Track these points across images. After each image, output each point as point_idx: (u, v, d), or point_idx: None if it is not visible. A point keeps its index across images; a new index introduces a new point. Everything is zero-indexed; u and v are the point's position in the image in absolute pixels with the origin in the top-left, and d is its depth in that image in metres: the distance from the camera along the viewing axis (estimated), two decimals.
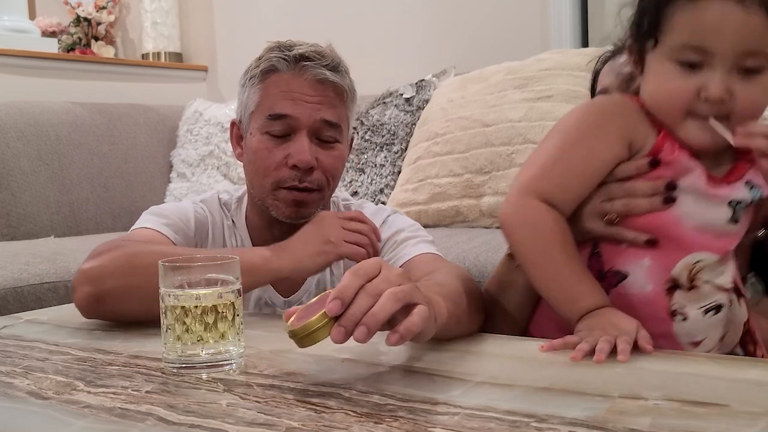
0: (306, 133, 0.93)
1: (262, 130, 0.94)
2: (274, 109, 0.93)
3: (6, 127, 1.97)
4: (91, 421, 0.54)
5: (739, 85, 0.69)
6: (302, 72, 0.93)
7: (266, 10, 2.61)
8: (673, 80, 0.71)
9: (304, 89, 0.93)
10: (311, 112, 0.93)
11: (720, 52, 0.68)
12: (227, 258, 0.72)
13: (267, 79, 0.94)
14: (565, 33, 2.01)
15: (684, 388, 0.56)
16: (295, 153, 0.92)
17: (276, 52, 0.94)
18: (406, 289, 0.59)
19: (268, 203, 0.96)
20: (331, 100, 0.94)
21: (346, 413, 0.53)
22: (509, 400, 0.55)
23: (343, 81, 0.95)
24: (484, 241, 1.42)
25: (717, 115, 0.69)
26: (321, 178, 0.94)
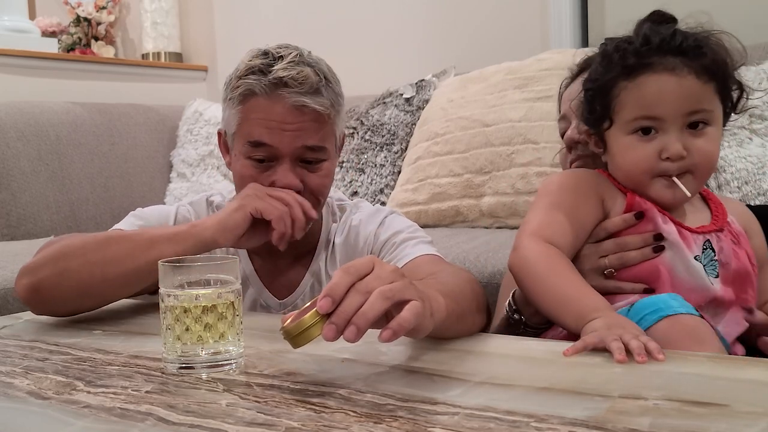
0: (288, 160, 0.92)
1: (245, 155, 0.93)
2: (253, 136, 0.91)
3: (6, 127, 1.97)
4: (91, 421, 0.54)
5: (692, 140, 0.78)
6: (279, 98, 0.89)
7: (266, 10, 2.61)
8: (634, 150, 0.80)
9: (281, 117, 0.90)
10: (291, 140, 0.90)
11: (668, 116, 0.78)
12: (227, 258, 0.72)
13: (246, 103, 0.92)
14: (565, 33, 2.01)
15: (684, 388, 0.56)
16: (279, 179, 0.91)
17: (253, 77, 0.91)
18: (396, 287, 0.58)
19: None
20: (312, 126, 0.91)
21: (346, 413, 0.53)
22: (509, 400, 0.54)
23: (324, 102, 0.91)
24: (484, 242, 1.42)
25: (680, 170, 0.79)
26: (310, 199, 0.93)
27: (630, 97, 0.79)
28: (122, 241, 0.86)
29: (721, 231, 0.82)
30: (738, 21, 1.82)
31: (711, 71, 0.78)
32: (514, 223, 1.61)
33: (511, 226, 1.61)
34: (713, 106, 0.79)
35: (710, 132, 0.79)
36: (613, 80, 0.81)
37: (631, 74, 0.79)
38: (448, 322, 0.68)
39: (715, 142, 0.80)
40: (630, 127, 0.80)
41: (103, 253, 0.85)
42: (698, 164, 0.78)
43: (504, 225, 1.62)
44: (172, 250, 0.82)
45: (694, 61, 0.78)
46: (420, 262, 0.92)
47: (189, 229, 0.86)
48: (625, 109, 0.80)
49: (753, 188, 1.30)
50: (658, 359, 0.62)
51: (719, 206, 0.86)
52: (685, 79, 0.77)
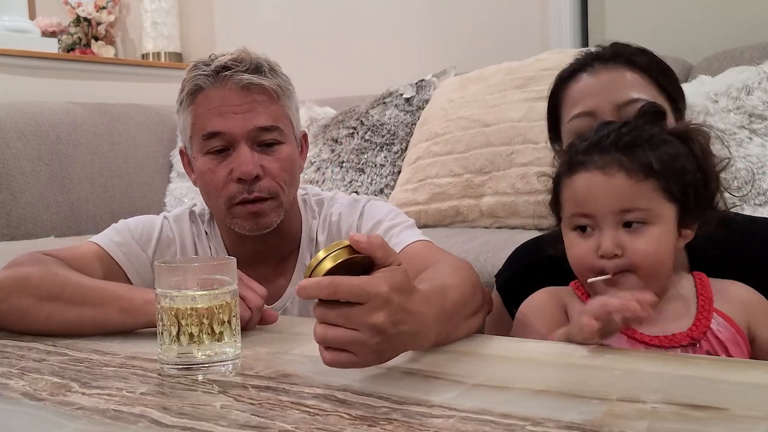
0: (244, 143, 0.92)
1: (202, 151, 0.93)
2: (206, 128, 0.92)
3: (6, 127, 1.96)
4: (84, 423, 0.54)
5: (627, 239, 0.75)
6: (224, 83, 0.91)
7: (266, 10, 2.61)
8: (574, 247, 0.79)
9: (229, 100, 0.91)
10: (243, 123, 0.91)
11: (598, 213, 0.76)
12: (224, 259, 0.71)
13: (195, 100, 0.93)
14: (565, 33, 2.00)
15: (683, 391, 0.55)
16: (236, 166, 0.91)
17: (196, 71, 0.92)
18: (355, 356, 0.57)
19: (228, 222, 0.96)
20: (261, 104, 0.92)
21: (341, 416, 0.53)
22: (505, 402, 0.54)
23: (270, 80, 0.92)
24: (484, 242, 1.42)
25: (617, 268, 0.76)
26: (271, 184, 0.93)
27: (567, 192, 0.79)
28: (75, 290, 0.82)
29: (694, 345, 0.74)
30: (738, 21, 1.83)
31: (649, 169, 0.74)
32: (514, 223, 1.60)
33: (510, 226, 1.60)
34: (653, 205, 0.75)
35: (650, 231, 0.74)
36: (559, 176, 0.81)
37: (570, 171, 0.79)
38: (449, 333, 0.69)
39: (656, 241, 0.75)
40: (570, 224, 0.79)
41: (53, 299, 0.82)
42: (637, 264, 0.74)
43: (504, 225, 1.62)
44: (120, 321, 0.80)
45: (630, 158, 0.75)
46: (412, 252, 0.90)
47: (143, 306, 0.79)
48: (565, 206, 0.80)
49: (753, 188, 1.29)
50: None
51: (706, 305, 0.77)
52: (614, 177, 0.74)
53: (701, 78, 1.50)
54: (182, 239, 1.00)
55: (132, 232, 0.98)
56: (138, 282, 0.95)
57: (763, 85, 1.37)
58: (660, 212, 0.75)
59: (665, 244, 0.76)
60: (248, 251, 0.97)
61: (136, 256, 0.97)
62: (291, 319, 0.92)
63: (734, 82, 1.41)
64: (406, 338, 0.60)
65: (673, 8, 1.89)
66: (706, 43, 1.74)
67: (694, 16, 1.85)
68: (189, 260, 0.74)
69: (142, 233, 0.98)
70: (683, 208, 0.77)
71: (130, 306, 0.80)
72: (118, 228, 0.99)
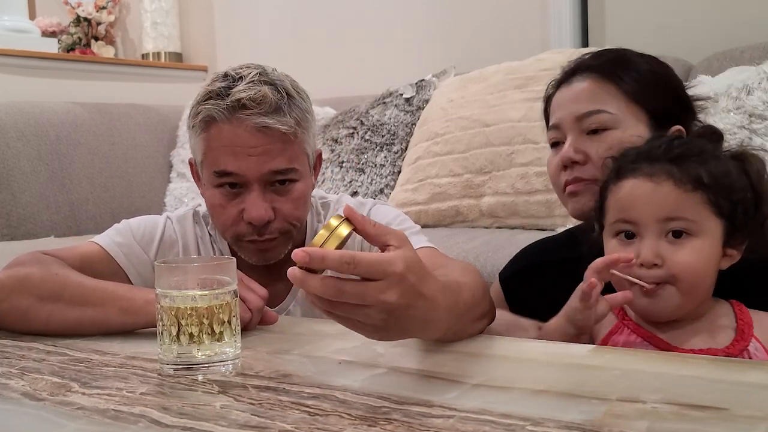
0: (257, 185, 0.88)
1: (213, 185, 0.91)
2: (219, 165, 0.89)
3: (6, 127, 1.96)
4: (84, 423, 0.54)
5: (669, 248, 0.74)
6: (240, 121, 0.86)
7: (266, 10, 2.61)
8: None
9: (245, 141, 0.86)
10: (257, 165, 0.87)
11: (642, 221, 0.75)
12: (223, 259, 0.71)
13: (208, 130, 0.89)
14: (565, 33, 2.00)
15: (683, 391, 0.55)
16: (248, 209, 0.89)
17: (212, 102, 0.87)
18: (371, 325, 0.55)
19: (234, 248, 0.95)
20: (277, 147, 0.88)
21: (341, 416, 0.53)
22: (505, 402, 0.54)
23: (287, 121, 0.87)
24: (484, 241, 1.42)
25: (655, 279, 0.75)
26: (282, 225, 0.91)
27: (612, 200, 0.79)
28: (75, 290, 0.82)
29: None
30: (738, 21, 1.83)
31: (697, 181, 0.74)
32: (514, 223, 1.60)
33: (510, 226, 1.60)
34: (698, 217, 0.74)
35: (694, 243, 0.73)
36: (605, 184, 0.81)
37: (617, 178, 0.79)
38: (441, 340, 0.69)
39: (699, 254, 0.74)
40: (612, 231, 0.78)
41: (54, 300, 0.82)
42: (676, 275, 0.73)
43: (504, 225, 1.62)
44: (120, 321, 0.80)
45: (679, 169, 0.75)
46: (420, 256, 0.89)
47: (143, 306, 0.79)
48: (609, 213, 0.79)
49: None
50: None
51: (746, 329, 0.76)
52: (661, 185, 0.74)
53: (701, 78, 1.50)
54: (185, 240, 1.00)
55: (134, 232, 0.98)
56: (139, 282, 0.95)
57: (763, 85, 1.37)
58: (705, 226, 0.74)
59: (708, 259, 0.75)
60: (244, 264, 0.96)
61: (137, 257, 0.96)
62: (291, 319, 0.92)
63: (734, 82, 1.41)
64: (416, 323, 0.58)
65: (673, 8, 1.89)
66: (706, 43, 1.73)
67: (694, 16, 1.85)
68: (189, 260, 0.74)
69: (144, 234, 0.98)
70: (731, 226, 0.76)
71: (130, 306, 0.80)
72: (120, 228, 0.98)
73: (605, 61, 0.89)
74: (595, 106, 0.86)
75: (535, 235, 1.36)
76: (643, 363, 0.64)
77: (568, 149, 0.86)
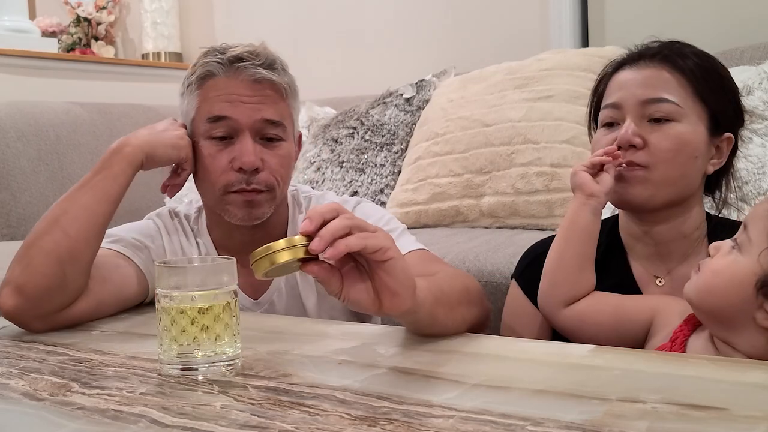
0: (249, 134, 0.93)
1: (205, 135, 0.94)
2: (213, 111, 0.93)
3: (6, 127, 1.96)
4: (84, 423, 0.54)
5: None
6: (238, 73, 0.92)
7: (266, 10, 2.61)
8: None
9: (241, 90, 0.92)
10: (251, 112, 0.92)
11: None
12: (223, 259, 0.71)
13: (204, 85, 0.94)
14: (565, 33, 2.00)
15: (683, 391, 0.55)
16: (239, 155, 0.92)
17: (210, 57, 0.93)
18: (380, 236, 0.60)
19: (220, 209, 0.96)
20: (270, 98, 0.93)
21: (340, 416, 0.53)
22: (505, 402, 0.54)
23: (281, 78, 0.94)
24: (484, 241, 1.42)
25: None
26: (269, 178, 0.94)
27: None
28: (63, 201, 0.90)
29: None
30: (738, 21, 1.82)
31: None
32: (514, 223, 1.60)
33: (510, 226, 1.60)
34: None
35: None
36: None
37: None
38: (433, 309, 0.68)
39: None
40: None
41: (54, 219, 0.88)
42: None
43: (504, 225, 1.61)
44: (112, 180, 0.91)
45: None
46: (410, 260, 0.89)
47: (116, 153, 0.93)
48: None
49: (753, 188, 1.29)
50: None
51: None
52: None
53: None
54: (167, 232, 1.02)
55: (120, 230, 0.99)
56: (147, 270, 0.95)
57: (763, 85, 1.37)
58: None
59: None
60: (235, 245, 0.98)
61: (134, 246, 0.97)
62: (291, 319, 0.92)
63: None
64: None
65: (673, 8, 1.89)
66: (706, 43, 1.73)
67: (694, 16, 1.85)
68: (189, 260, 0.74)
69: (129, 228, 1.00)
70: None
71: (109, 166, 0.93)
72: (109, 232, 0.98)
73: (677, 53, 0.86)
74: (663, 95, 0.83)
75: (536, 235, 1.36)
76: (643, 363, 0.64)
77: (627, 131, 0.82)
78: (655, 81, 0.83)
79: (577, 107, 1.55)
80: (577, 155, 1.53)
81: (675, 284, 0.83)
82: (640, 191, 0.82)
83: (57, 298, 0.83)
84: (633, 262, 0.88)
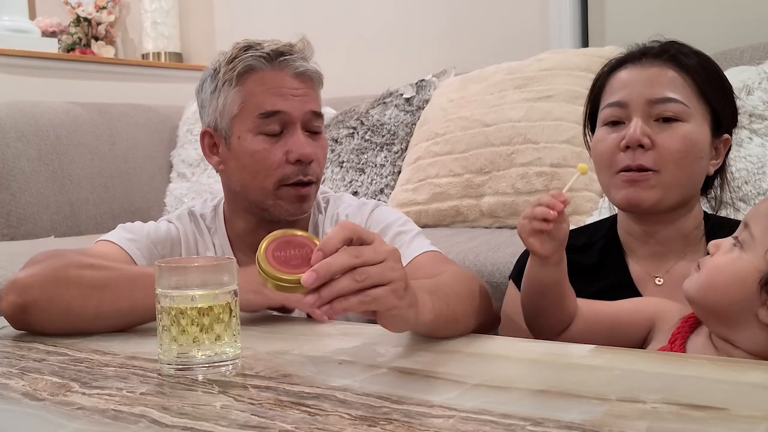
0: (299, 127, 0.94)
1: (256, 131, 0.93)
2: (265, 107, 0.92)
3: (6, 127, 1.96)
4: (84, 423, 0.54)
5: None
6: (283, 67, 0.93)
7: (266, 10, 2.61)
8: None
9: (288, 83, 0.93)
10: (300, 105, 0.94)
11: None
12: (223, 259, 0.71)
13: (247, 80, 0.93)
14: (565, 33, 2.00)
15: (683, 391, 0.55)
16: (295, 148, 0.92)
17: (250, 52, 0.93)
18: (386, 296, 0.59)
19: (268, 204, 0.95)
20: (313, 90, 0.96)
21: (341, 416, 0.53)
22: (505, 402, 0.54)
23: (317, 68, 0.97)
24: (484, 241, 1.42)
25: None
26: (319, 169, 0.96)
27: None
28: (121, 277, 0.81)
29: None
30: (738, 21, 1.82)
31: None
32: (514, 223, 1.59)
33: (510, 226, 1.60)
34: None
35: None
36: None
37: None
38: (435, 324, 0.69)
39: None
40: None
41: (101, 288, 0.80)
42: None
43: (504, 225, 1.62)
44: None
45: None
46: (421, 262, 0.90)
47: None
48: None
49: (753, 188, 1.29)
50: None
51: None
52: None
53: None
54: (186, 237, 1.00)
55: (141, 229, 0.98)
56: None
57: (763, 85, 1.37)
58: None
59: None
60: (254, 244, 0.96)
61: (149, 252, 0.96)
62: (291, 319, 0.92)
63: (734, 82, 1.40)
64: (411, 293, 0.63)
65: (673, 8, 1.89)
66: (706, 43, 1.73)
67: (694, 16, 1.85)
68: (189, 260, 0.74)
69: (149, 231, 0.98)
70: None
71: None
72: (128, 227, 0.98)
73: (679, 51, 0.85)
74: (671, 94, 0.81)
75: None
76: (643, 363, 0.64)
77: (636, 131, 0.80)
78: (662, 79, 0.82)
79: (577, 107, 1.55)
80: (577, 155, 1.53)
81: (674, 283, 0.83)
82: (650, 194, 0.81)
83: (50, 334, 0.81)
84: (631, 262, 0.88)
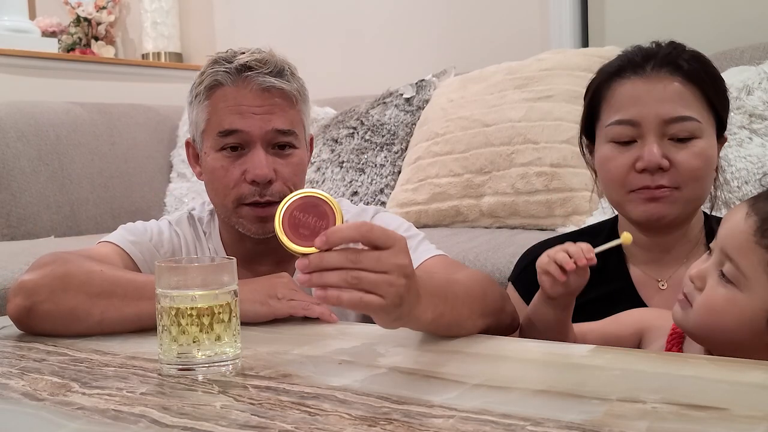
0: (260, 145, 0.91)
1: (216, 148, 0.92)
2: (223, 125, 0.91)
3: (6, 127, 1.96)
4: (84, 423, 0.54)
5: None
6: (246, 83, 0.90)
7: (266, 10, 2.61)
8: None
9: (250, 101, 0.90)
10: (261, 123, 0.90)
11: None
12: (223, 259, 0.71)
13: (213, 95, 0.92)
14: (565, 33, 2.00)
15: (683, 391, 0.55)
16: (251, 168, 0.90)
17: (217, 66, 0.91)
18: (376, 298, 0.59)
19: (233, 221, 0.95)
20: (280, 107, 0.91)
21: (341, 416, 0.53)
22: (505, 403, 0.54)
23: (290, 85, 0.92)
24: (484, 241, 1.42)
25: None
26: (282, 189, 0.92)
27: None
28: (128, 285, 0.81)
29: None
30: (738, 21, 1.82)
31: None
32: (514, 223, 1.60)
33: (510, 226, 1.60)
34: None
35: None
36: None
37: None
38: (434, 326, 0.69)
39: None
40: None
41: (107, 295, 0.80)
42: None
43: (504, 225, 1.62)
44: None
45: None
46: (431, 267, 0.89)
47: None
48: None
49: (753, 188, 1.29)
50: None
51: None
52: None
53: None
54: (186, 243, 1.00)
55: (144, 231, 0.98)
56: None
57: (763, 85, 1.37)
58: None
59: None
60: (247, 251, 0.97)
61: (151, 255, 0.96)
62: (291, 319, 0.92)
63: (734, 82, 1.41)
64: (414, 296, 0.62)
65: (673, 8, 1.89)
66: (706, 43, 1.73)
67: (694, 16, 1.85)
68: (189, 260, 0.74)
69: (152, 234, 0.98)
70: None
71: None
72: (130, 228, 0.98)
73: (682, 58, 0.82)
74: (685, 112, 0.79)
75: (535, 235, 1.36)
76: (643, 363, 0.64)
77: (655, 154, 0.78)
78: (672, 95, 0.80)
79: (577, 107, 1.54)
80: (576, 155, 1.52)
81: (678, 287, 0.83)
82: (670, 210, 0.80)
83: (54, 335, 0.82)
84: (632, 267, 0.88)
